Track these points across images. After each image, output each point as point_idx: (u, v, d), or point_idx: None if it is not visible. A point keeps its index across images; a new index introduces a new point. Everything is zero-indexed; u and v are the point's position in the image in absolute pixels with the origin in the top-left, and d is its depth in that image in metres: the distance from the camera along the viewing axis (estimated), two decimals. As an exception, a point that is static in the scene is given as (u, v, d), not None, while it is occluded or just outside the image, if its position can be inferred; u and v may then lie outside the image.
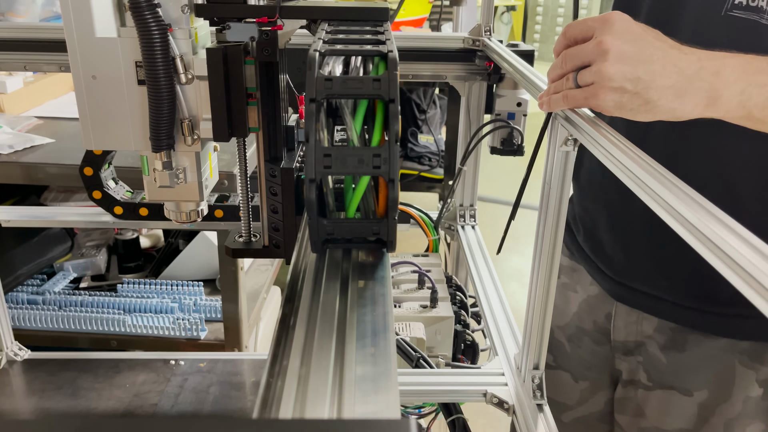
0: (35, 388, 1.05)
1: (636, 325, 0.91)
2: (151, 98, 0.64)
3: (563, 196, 0.71)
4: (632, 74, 0.58)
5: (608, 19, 0.59)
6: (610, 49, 0.58)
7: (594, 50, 0.59)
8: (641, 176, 0.51)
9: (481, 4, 1.10)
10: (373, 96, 0.54)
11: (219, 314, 1.56)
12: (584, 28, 0.61)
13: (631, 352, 0.92)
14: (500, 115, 1.11)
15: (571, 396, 1.02)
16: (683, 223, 0.45)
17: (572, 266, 1.01)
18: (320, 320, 0.53)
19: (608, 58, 0.58)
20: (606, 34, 0.58)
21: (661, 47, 0.59)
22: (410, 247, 1.11)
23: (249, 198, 0.81)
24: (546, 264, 0.75)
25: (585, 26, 0.61)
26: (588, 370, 1.00)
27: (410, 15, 3.22)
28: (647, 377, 0.90)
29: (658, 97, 0.58)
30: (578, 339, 1.00)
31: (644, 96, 0.58)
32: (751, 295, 0.37)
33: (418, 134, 3.10)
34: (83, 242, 1.80)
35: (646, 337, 0.90)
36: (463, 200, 1.23)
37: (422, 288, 0.97)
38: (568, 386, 1.02)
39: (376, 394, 0.43)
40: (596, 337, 0.97)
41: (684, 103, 0.59)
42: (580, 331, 0.99)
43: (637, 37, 0.59)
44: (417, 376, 0.82)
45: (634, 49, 0.58)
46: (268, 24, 0.66)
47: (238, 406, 1.04)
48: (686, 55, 0.59)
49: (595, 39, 0.59)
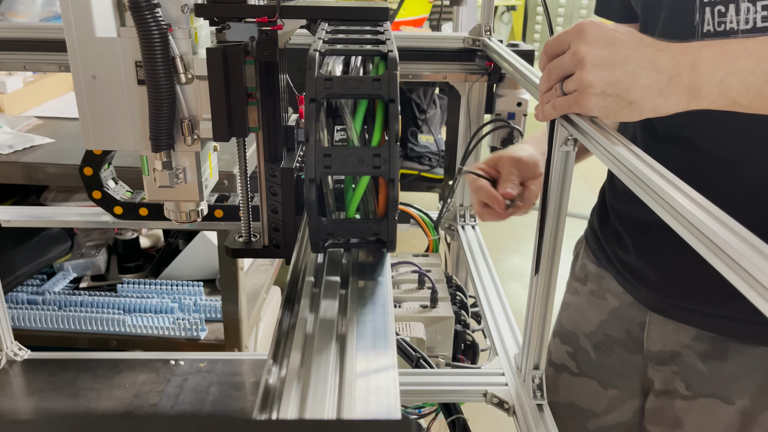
0: (35, 388, 1.05)
1: (672, 335, 0.89)
2: (151, 98, 0.64)
3: (563, 196, 0.71)
4: (611, 78, 0.59)
5: (580, 28, 0.62)
6: (586, 57, 0.60)
7: (571, 61, 0.61)
8: (641, 176, 0.51)
9: (481, 4, 1.10)
10: (373, 96, 0.54)
11: (219, 314, 1.56)
12: (560, 42, 0.64)
13: (666, 362, 0.91)
14: (500, 115, 1.11)
15: (598, 403, 1.01)
16: (683, 222, 0.45)
17: (600, 274, 1.00)
18: (320, 320, 0.53)
19: (585, 66, 0.60)
20: (580, 43, 0.61)
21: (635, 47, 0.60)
22: (410, 247, 1.11)
23: (249, 198, 0.81)
24: (546, 264, 0.75)
25: (560, 40, 0.63)
26: (618, 378, 0.98)
27: (410, 15, 3.22)
28: (686, 387, 0.89)
29: (639, 96, 0.60)
30: (607, 347, 0.99)
31: (626, 97, 0.60)
32: (752, 296, 0.37)
33: (418, 134, 3.10)
34: (83, 242, 1.80)
35: (683, 347, 0.88)
36: (463, 200, 1.23)
37: (422, 288, 0.97)
38: (595, 393, 1.01)
39: (376, 394, 0.43)
40: (628, 346, 0.96)
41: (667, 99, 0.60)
42: (609, 339, 0.98)
43: (610, 41, 0.60)
44: (417, 376, 0.82)
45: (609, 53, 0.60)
46: (268, 24, 0.66)
47: (238, 406, 1.04)
48: (661, 51, 0.60)
49: (570, 50, 0.62)
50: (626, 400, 0.98)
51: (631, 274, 0.93)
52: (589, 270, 1.02)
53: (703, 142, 0.80)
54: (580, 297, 1.03)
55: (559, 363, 1.05)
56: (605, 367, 0.99)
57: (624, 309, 0.95)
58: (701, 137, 0.80)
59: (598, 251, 1.00)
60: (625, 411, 0.99)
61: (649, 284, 0.90)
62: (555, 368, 1.06)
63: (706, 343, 0.86)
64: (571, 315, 1.05)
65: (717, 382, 0.86)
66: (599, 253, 1.00)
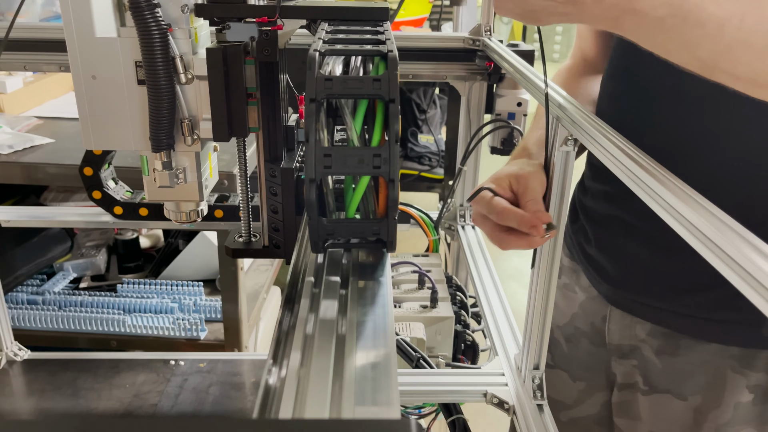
0: (35, 388, 1.05)
1: (629, 329, 0.91)
2: (151, 98, 0.64)
3: (563, 196, 0.71)
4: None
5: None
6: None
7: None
8: (641, 176, 0.51)
9: (481, 4, 1.10)
10: (373, 96, 0.54)
11: (219, 314, 1.56)
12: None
13: (626, 355, 0.92)
14: (500, 115, 1.11)
15: (568, 395, 1.02)
16: (683, 222, 0.45)
17: (573, 267, 1.01)
18: (320, 320, 0.53)
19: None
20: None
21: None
22: (410, 247, 1.11)
23: (249, 198, 0.81)
24: (546, 264, 0.75)
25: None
26: (585, 370, 1.00)
27: (410, 15, 3.22)
28: (643, 381, 0.90)
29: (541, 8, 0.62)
30: (576, 340, 1.00)
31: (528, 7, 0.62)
32: (752, 296, 0.37)
33: (418, 134, 3.10)
34: (83, 242, 1.80)
35: (640, 341, 0.90)
36: (463, 200, 1.23)
37: (422, 288, 0.97)
38: (566, 385, 1.03)
39: (376, 394, 0.43)
40: (593, 339, 0.97)
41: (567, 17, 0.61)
42: (578, 332, 1.00)
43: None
44: (417, 376, 0.82)
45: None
46: (268, 24, 0.66)
47: (238, 406, 1.04)
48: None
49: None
50: (594, 392, 1.00)
51: (594, 267, 0.95)
52: (563, 263, 1.04)
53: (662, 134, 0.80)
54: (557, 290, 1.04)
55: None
56: (575, 359, 1.01)
57: (589, 302, 0.97)
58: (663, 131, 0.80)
59: (571, 244, 1.02)
60: (593, 404, 1.00)
61: (608, 278, 0.92)
62: None
63: (659, 338, 0.87)
64: None
65: (670, 377, 0.87)
66: (571, 246, 1.02)
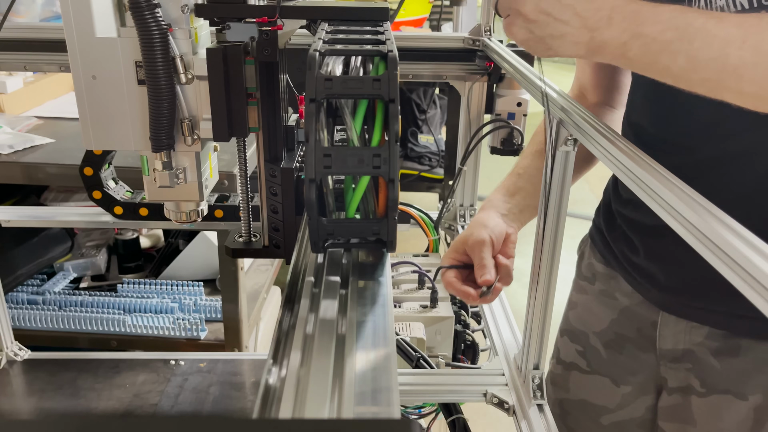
0: (35, 388, 1.05)
1: (685, 334, 0.90)
2: (151, 98, 0.64)
3: (563, 196, 0.71)
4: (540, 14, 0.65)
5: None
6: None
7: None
8: (641, 176, 0.51)
9: (481, 4, 1.10)
10: (373, 96, 0.54)
11: (219, 314, 1.56)
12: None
13: (679, 359, 0.91)
14: (500, 115, 1.11)
15: (611, 400, 1.02)
16: (684, 223, 0.45)
17: (609, 273, 1.00)
18: (320, 320, 0.53)
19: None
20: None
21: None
22: (410, 247, 1.11)
23: (249, 198, 0.81)
24: (546, 264, 0.75)
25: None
26: (631, 375, 0.99)
27: (410, 15, 3.21)
28: (700, 384, 0.89)
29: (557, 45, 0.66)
30: (618, 345, 0.99)
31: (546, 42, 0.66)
32: (752, 296, 0.37)
33: (418, 134, 3.10)
34: (83, 242, 1.80)
35: (696, 345, 0.89)
36: (463, 200, 1.23)
37: (422, 288, 0.97)
38: (607, 390, 1.02)
39: (376, 394, 0.43)
40: (640, 344, 0.96)
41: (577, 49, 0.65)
42: (620, 338, 0.98)
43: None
44: (417, 376, 0.82)
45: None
46: (268, 24, 0.66)
47: (238, 406, 1.04)
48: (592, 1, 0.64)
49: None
50: (639, 396, 0.99)
51: (641, 275, 0.93)
52: (597, 270, 1.02)
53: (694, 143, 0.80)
54: (588, 296, 1.03)
55: (569, 361, 1.06)
56: (617, 364, 1.00)
57: (635, 308, 0.96)
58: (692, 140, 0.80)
59: (606, 252, 1.00)
60: (637, 407, 1.00)
61: (659, 285, 0.90)
62: (564, 366, 1.07)
63: (718, 340, 0.87)
64: (579, 314, 1.05)
65: (730, 377, 0.87)
66: (607, 253, 1.00)
